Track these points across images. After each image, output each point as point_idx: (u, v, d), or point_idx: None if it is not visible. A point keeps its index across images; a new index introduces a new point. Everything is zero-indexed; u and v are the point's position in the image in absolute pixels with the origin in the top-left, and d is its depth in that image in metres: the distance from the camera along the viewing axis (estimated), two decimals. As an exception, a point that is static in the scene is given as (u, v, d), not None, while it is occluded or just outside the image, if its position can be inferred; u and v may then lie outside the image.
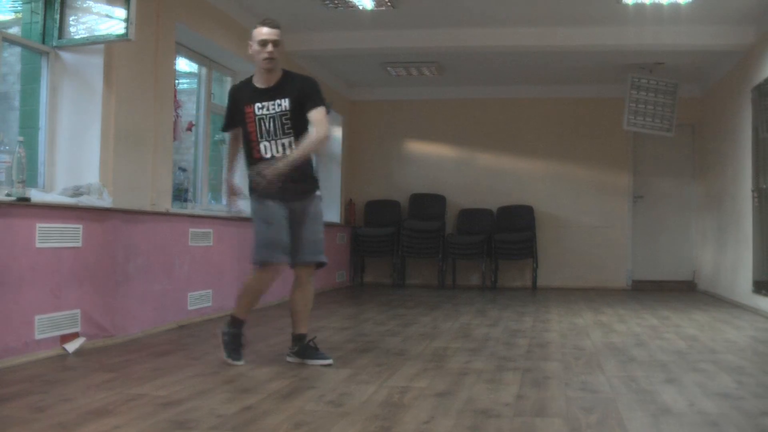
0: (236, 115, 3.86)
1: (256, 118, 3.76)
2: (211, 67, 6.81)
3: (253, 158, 3.80)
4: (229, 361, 3.77)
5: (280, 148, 3.75)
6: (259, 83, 3.82)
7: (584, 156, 9.75)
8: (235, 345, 3.82)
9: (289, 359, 3.89)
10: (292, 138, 3.76)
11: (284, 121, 3.76)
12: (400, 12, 6.85)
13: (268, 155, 3.75)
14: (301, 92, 3.78)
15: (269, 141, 3.76)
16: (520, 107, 9.93)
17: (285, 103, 3.76)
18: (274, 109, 3.76)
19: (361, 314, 6.31)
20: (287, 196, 3.77)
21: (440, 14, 7.03)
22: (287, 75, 3.85)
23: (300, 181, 3.81)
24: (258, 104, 3.77)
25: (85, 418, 2.65)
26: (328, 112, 3.87)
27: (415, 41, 7.58)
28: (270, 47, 3.72)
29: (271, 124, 3.76)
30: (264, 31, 3.73)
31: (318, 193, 3.93)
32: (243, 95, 3.84)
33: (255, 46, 3.75)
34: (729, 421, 2.73)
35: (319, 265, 3.91)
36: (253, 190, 3.82)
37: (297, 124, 3.76)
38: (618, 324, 5.75)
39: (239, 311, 3.87)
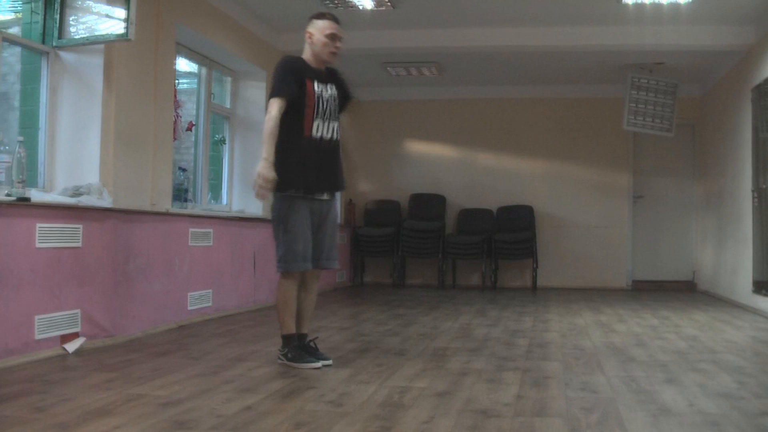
0: (296, 86, 3.72)
1: (316, 95, 3.77)
2: (211, 67, 6.81)
3: (302, 135, 3.70)
4: (312, 366, 3.67)
5: (330, 131, 3.83)
6: (312, 65, 3.85)
7: (584, 156, 9.75)
8: (307, 351, 3.78)
9: (279, 361, 3.88)
10: (338, 124, 3.89)
11: (334, 107, 3.86)
12: (400, 12, 6.85)
13: (319, 134, 3.77)
14: (341, 82, 3.97)
15: (323, 121, 3.79)
16: (520, 107, 9.93)
17: (334, 90, 3.89)
18: (328, 92, 3.84)
19: (361, 314, 6.30)
20: (321, 186, 3.81)
21: (440, 14, 7.03)
22: (328, 67, 3.97)
23: (336, 173, 3.89)
24: (317, 82, 3.80)
25: (85, 418, 2.65)
26: None
27: (415, 41, 7.58)
28: (338, 43, 3.82)
29: (327, 105, 3.82)
30: (332, 25, 3.80)
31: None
32: (304, 69, 3.79)
33: (321, 38, 3.78)
34: (729, 421, 2.73)
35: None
36: (287, 184, 3.67)
37: (339, 112, 3.93)
38: (618, 324, 5.75)
39: (285, 327, 3.80)
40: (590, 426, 2.66)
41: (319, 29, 3.79)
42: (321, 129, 3.78)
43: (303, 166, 3.72)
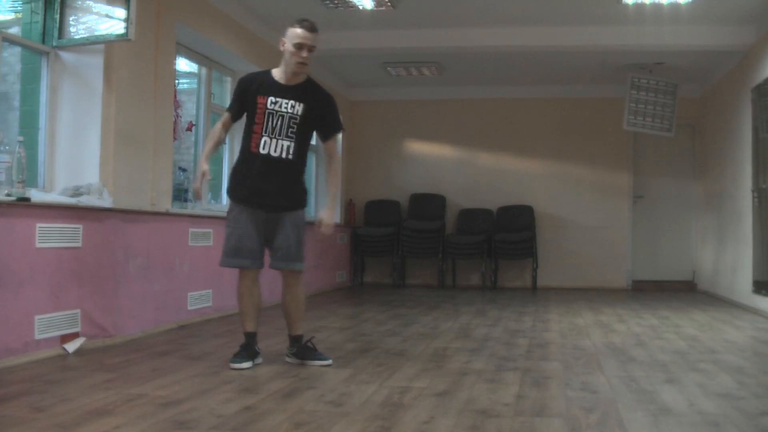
0: (244, 103, 3.80)
1: (266, 111, 3.73)
2: (211, 67, 6.81)
3: (249, 151, 3.76)
4: (236, 366, 3.67)
5: (280, 149, 3.73)
6: (280, 79, 3.79)
7: (584, 156, 9.75)
8: (238, 350, 3.80)
9: (287, 360, 3.89)
10: (293, 144, 3.75)
11: (291, 125, 3.74)
12: (400, 12, 6.85)
13: (265, 151, 3.72)
14: (320, 108, 3.81)
15: (270, 138, 3.72)
16: (520, 107, 9.93)
17: (299, 108, 3.75)
18: (286, 109, 3.74)
19: (361, 314, 6.30)
20: (261, 204, 3.76)
21: (440, 14, 7.03)
22: (310, 82, 3.85)
23: (282, 193, 3.77)
24: (272, 98, 3.74)
25: (85, 418, 2.65)
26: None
27: (415, 41, 7.58)
28: (305, 52, 3.70)
29: (279, 123, 3.73)
30: (301, 34, 3.69)
31: (301, 210, 3.90)
32: (258, 85, 3.78)
33: (289, 47, 3.71)
34: (729, 421, 2.73)
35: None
36: (229, 191, 3.87)
37: (301, 132, 3.77)
38: (618, 324, 5.75)
39: (242, 323, 3.88)
40: (590, 426, 2.66)
41: (290, 38, 3.72)
42: (268, 146, 3.72)
43: (244, 180, 3.77)
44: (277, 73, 3.81)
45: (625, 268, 9.64)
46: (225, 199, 7.22)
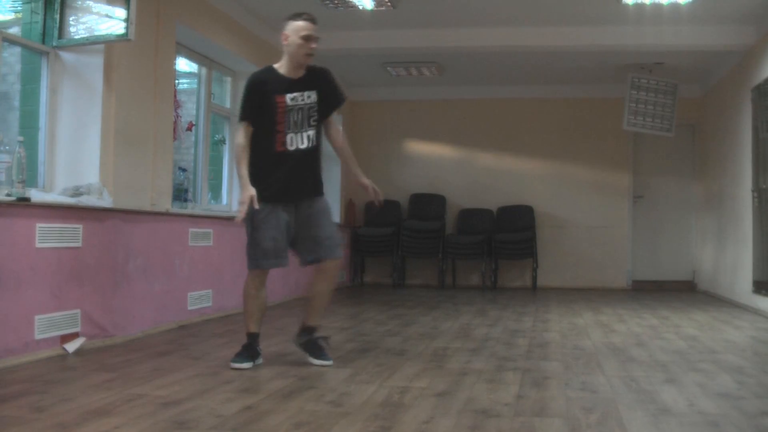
0: (261, 106, 3.73)
1: (287, 108, 3.73)
2: (211, 67, 6.81)
3: (275, 151, 3.72)
4: (237, 365, 3.67)
5: (305, 140, 3.77)
6: (288, 74, 3.78)
7: (584, 156, 9.75)
8: (240, 350, 3.79)
9: (293, 345, 3.88)
10: (314, 131, 3.79)
11: (311, 114, 3.77)
12: (400, 12, 6.85)
13: (293, 147, 3.74)
14: (324, 85, 3.85)
15: (296, 133, 3.74)
16: (520, 107, 9.93)
17: (313, 96, 3.79)
18: (303, 100, 3.76)
19: (361, 314, 6.30)
20: (292, 197, 3.76)
21: (440, 14, 7.03)
22: (309, 68, 3.86)
23: (309, 181, 3.82)
24: (290, 95, 3.74)
25: (85, 418, 2.65)
26: None
27: (415, 41, 7.58)
28: (314, 44, 3.74)
29: (299, 116, 3.75)
30: (306, 26, 3.71)
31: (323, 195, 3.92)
32: (272, 85, 3.75)
33: (296, 39, 3.71)
34: (729, 421, 2.73)
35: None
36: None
37: (320, 118, 3.83)
38: (618, 324, 5.75)
39: (246, 323, 3.85)
40: (590, 426, 2.66)
41: (294, 30, 3.72)
42: (295, 141, 3.74)
43: (271, 180, 3.73)
44: (283, 69, 3.80)
45: (625, 268, 9.64)
46: (226, 199, 7.23)
